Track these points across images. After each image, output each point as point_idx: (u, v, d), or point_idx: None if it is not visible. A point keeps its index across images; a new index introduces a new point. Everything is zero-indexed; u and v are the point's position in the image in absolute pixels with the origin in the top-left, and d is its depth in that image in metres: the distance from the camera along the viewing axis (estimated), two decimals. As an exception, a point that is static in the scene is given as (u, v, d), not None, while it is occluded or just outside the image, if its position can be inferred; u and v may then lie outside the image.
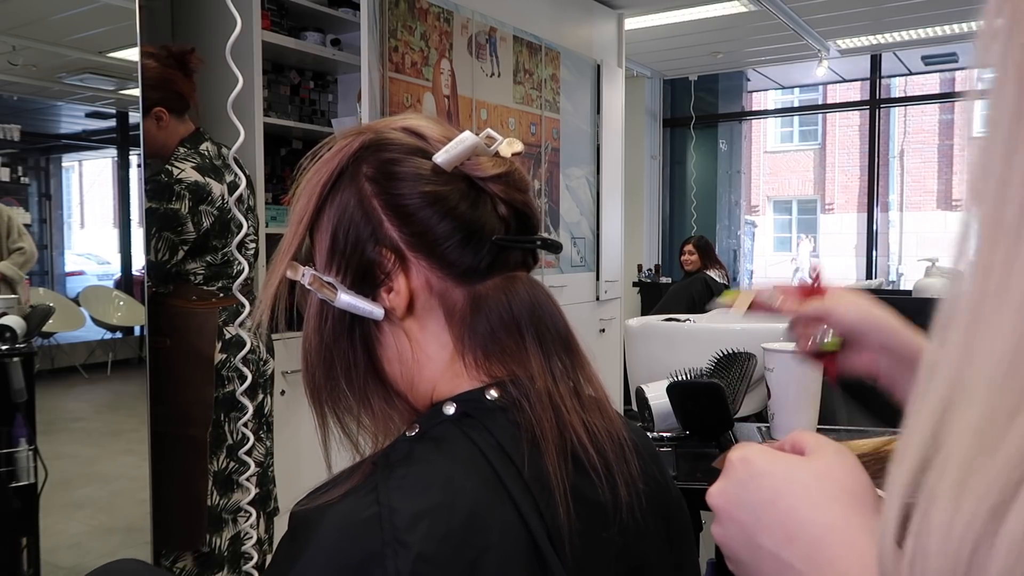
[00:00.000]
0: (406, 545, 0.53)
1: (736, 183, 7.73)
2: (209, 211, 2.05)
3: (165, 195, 2.01)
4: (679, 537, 0.70)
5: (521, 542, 0.56)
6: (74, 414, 2.46)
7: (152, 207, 2.01)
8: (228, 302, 2.13)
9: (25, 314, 1.98)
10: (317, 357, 0.66)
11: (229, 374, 2.10)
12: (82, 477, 2.30)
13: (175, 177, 2.03)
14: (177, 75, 2.13)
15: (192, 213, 2.02)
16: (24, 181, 2.42)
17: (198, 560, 2.10)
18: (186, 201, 2.02)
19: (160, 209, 2.00)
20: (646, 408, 1.48)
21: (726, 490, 0.46)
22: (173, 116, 2.13)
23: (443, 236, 0.63)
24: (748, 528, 0.44)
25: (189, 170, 2.06)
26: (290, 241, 0.66)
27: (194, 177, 2.05)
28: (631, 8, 4.51)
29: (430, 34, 3.04)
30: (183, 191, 2.02)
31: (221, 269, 2.12)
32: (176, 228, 2.01)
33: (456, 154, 0.62)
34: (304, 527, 0.57)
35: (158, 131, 2.12)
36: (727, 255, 7.32)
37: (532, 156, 3.67)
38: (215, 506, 2.09)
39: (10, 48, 2.14)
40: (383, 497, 0.55)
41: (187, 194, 2.02)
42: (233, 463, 2.11)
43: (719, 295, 0.90)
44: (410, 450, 0.61)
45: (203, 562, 2.09)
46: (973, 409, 0.28)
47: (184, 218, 2.01)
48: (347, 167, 0.65)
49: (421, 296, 0.64)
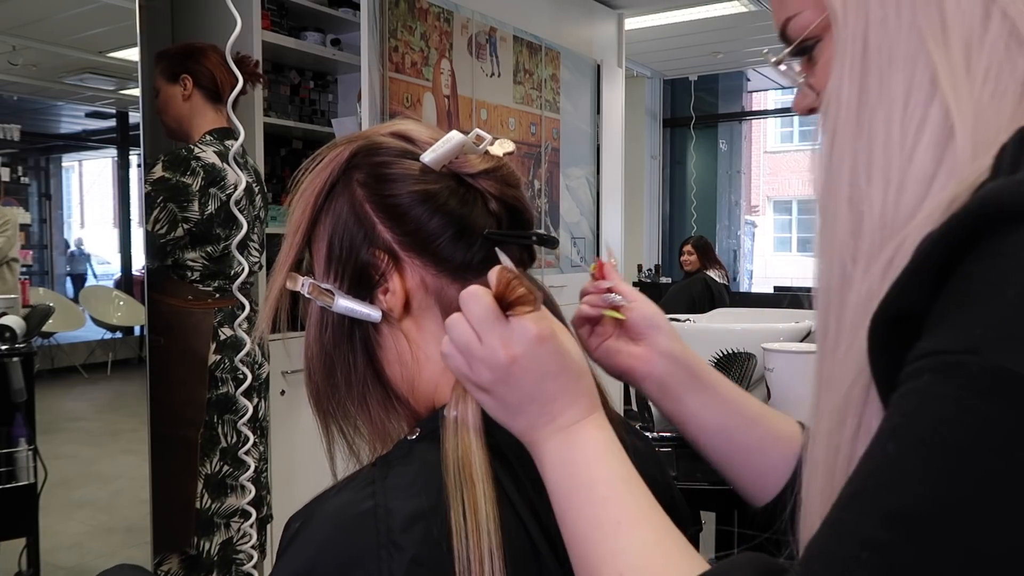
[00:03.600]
0: (400, 548, 0.53)
1: (736, 183, 7.73)
2: (218, 195, 2.03)
3: (180, 167, 1.99)
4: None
5: (517, 544, 0.56)
6: (74, 414, 2.46)
7: (165, 176, 1.99)
8: (224, 303, 2.12)
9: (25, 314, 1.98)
10: (318, 363, 0.67)
11: (223, 375, 2.09)
12: (82, 477, 2.30)
13: (194, 154, 2.02)
14: (222, 66, 2.10)
15: (202, 193, 2.00)
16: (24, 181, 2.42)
17: (184, 563, 2.08)
18: (199, 179, 2.00)
19: (172, 180, 1.98)
20: (646, 408, 1.48)
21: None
22: (200, 92, 2.10)
23: (434, 233, 0.63)
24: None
25: (210, 153, 2.05)
26: (287, 252, 0.67)
27: (213, 160, 2.04)
28: (631, 8, 4.51)
29: (430, 34, 3.04)
30: (199, 168, 2.00)
31: (218, 266, 2.11)
32: (182, 203, 1.99)
33: (443, 153, 0.63)
34: (299, 521, 0.58)
35: (182, 102, 2.09)
36: (727, 255, 7.32)
37: (532, 156, 3.67)
38: (206, 509, 2.07)
39: (10, 48, 2.14)
40: (379, 497, 0.55)
41: (202, 172, 2.00)
42: (227, 466, 2.10)
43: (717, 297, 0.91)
44: (409, 451, 0.61)
45: (190, 565, 2.07)
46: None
47: (193, 195, 1.99)
48: (340, 176, 0.66)
49: (417, 295, 0.64)
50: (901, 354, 0.36)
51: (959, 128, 0.41)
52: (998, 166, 0.37)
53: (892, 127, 0.43)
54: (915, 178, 0.42)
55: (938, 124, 0.42)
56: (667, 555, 0.50)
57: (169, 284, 2.09)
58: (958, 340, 0.33)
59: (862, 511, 0.34)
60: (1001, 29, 0.41)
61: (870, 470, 0.35)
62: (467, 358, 0.56)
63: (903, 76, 0.43)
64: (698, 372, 0.75)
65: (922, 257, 0.37)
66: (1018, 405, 0.31)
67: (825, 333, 0.46)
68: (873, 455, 0.35)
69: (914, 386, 0.35)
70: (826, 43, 0.50)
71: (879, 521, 0.33)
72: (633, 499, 0.52)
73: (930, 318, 0.36)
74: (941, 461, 0.32)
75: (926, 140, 0.42)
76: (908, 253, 0.38)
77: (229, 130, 2.15)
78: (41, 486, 1.93)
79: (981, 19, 0.41)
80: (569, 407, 0.55)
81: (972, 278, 0.34)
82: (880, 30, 0.44)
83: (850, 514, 0.35)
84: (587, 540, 0.52)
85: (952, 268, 0.35)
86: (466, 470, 0.56)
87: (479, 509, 0.54)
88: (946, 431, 0.32)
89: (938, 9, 0.42)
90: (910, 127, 0.42)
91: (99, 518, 2.28)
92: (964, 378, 0.32)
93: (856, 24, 0.45)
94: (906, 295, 0.37)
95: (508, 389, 0.55)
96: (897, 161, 0.42)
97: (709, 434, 0.74)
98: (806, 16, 0.51)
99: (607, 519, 0.51)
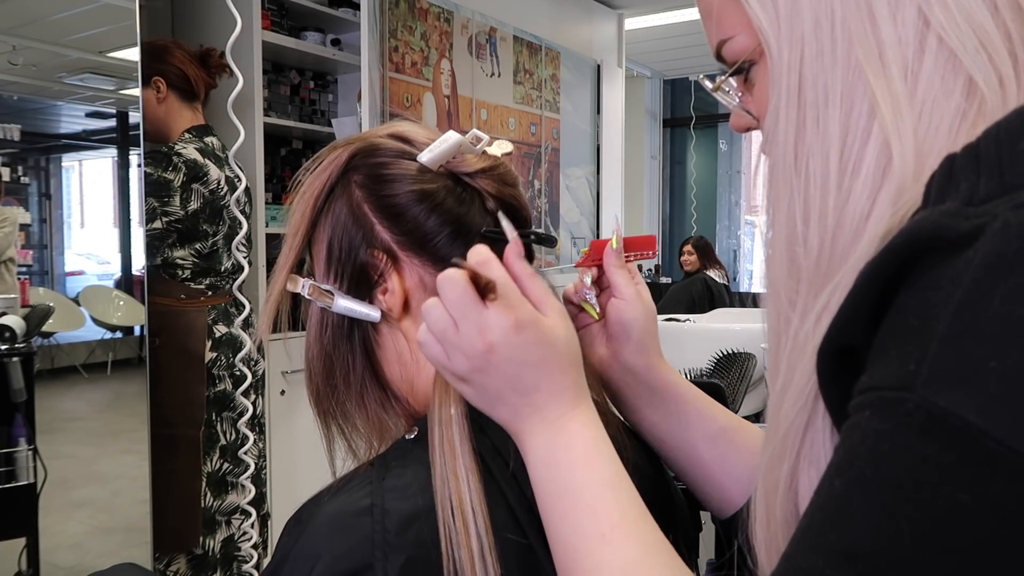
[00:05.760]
0: (396, 549, 0.53)
1: (736, 183, 7.71)
2: (201, 191, 2.04)
3: (162, 163, 2.00)
4: (678, 538, 0.70)
5: (513, 544, 0.56)
6: (74, 414, 2.46)
7: (146, 172, 2.00)
8: (216, 300, 2.12)
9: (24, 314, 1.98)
10: (319, 364, 0.67)
11: (220, 373, 2.09)
12: (82, 477, 2.29)
13: (175, 150, 2.03)
14: (190, 62, 2.12)
15: (183, 189, 2.01)
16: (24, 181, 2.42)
17: (191, 562, 2.09)
18: (180, 174, 2.01)
19: (154, 175, 1.99)
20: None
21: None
22: (174, 93, 2.11)
23: (432, 232, 0.63)
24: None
25: (191, 149, 2.06)
26: (287, 255, 0.67)
27: (194, 156, 2.05)
28: (631, 8, 4.51)
29: (430, 34, 3.04)
30: (180, 164, 2.01)
31: (208, 263, 2.11)
32: (162, 197, 2.00)
33: (440, 152, 0.63)
34: (298, 522, 0.58)
35: (157, 105, 2.10)
36: (727, 255, 7.31)
37: (532, 156, 3.67)
38: (208, 508, 2.08)
39: (10, 48, 2.14)
40: (376, 498, 0.55)
41: (183, 167, 2.01)
42: (227, 464, 2.10)
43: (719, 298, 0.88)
44: (408, 451, 0.61)
45: (196, 564, 2.08)
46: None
47: (174, 190, 2.00)
48: (339, 178, 0.66)
49: (416, 295, 0.64)
50: (851, 385, 0.36)
51: (898, 160, 0.40)
52: (927, 196, 0.36)
53: (829, 167, 0.42)
54: (851, 217, 0.42)
55: (874, 163, 0.41)
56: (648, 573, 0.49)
57: (160, 284, 2.09)
58: (894, 376, 0.33)
59: (809, 547, 0.34)
60: (938, 56, 0.41)
61: (819, 504, 0.35)
62: (444, 346, 0.54)
63: (840, 113, 0.42)
64: (661, 388, 0.70)
65: (859, 290, 0.37)
66: (952, 443, 0.31)
67: (772, 370, 0.46)
68: (823, 489, 0.36)
69: (857, 420, 0.35)
70: (762, 66, 0.49)
71: (826, 557, 0.33)
72: (619, 509, 0.51)
73: (872, 351, 0.36)
74: (882, 499, 0.32)
75: (862, 179, 0.41)
76: (841, 300, 0.38)
77: (207, 127, 2.16)
78: (41, 486, 1.93)
79: (916, 48, 0.41)
80: (553, 400, 0.54)
81: (906, 311, 0.34)
82: (815, 63, 0.43)
83: (800, 549, 0.35)
84: (570, 550, 0.51)
85: (889, 300, 0.35)
86: (449, 466, 0.55)
87: (465, 507, 0.54)
88: (886, 469, 0.32)
89: (875, 39, 0.42)
90: (847, 167, 0.42)
91: (99, 518, 2.28)
92: (901, 415, 0.32)
93: (791, 57, 0.44)
94: (848, 329, 0.37)
95: (486, 378, 0.54)
96: (833, 202, 0.42)
97: (667, 447, 0.71)
98: (740, 41, 0.50)
99: (592, 531, 0.50)
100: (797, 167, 0.44)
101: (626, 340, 0.69)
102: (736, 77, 0.53)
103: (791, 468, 0.43)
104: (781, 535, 0.44)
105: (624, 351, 0.70)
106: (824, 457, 0.42)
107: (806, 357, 0.41)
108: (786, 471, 0.43)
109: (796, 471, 0.43)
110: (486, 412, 0.56)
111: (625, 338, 0.69)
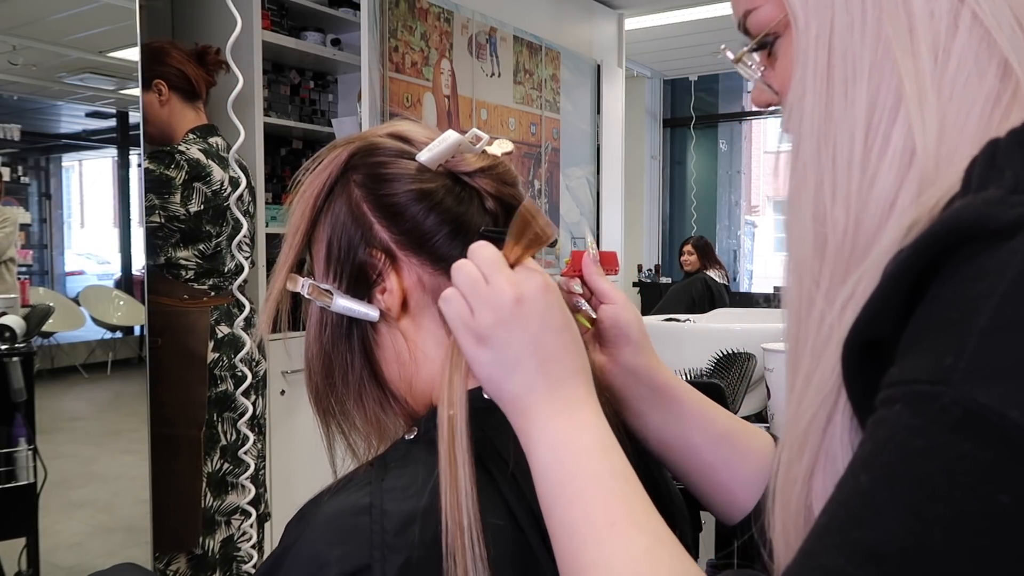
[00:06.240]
0: (395, 549, 0.53)
1: (736, 183, 7.71)
2: (203, 191, 2.03)
3: (164, 160, 2.00)
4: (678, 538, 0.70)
5: (512, 544, 0.56)
6: (74, 414, 2.46)
7: (148, 168, 2.00)
8: (219, 301, 2.12)
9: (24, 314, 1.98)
10: (318, 363, 0.67)
11: (222, 373, 2.09)
12: (82, 477, 2.29)
13: (178, 149, 2.03)
14: (188, 61, 2.11)
15: (184, 187, 2.00)
16: (24, 181, 2.42)
17: (191, 562, 2.09)
18: (182, 172, 2.00)
19: (156, 172, 1.99)
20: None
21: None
22: (176, 94, 2.10)
23: (431, 231, 0.63)
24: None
25: (195, 150, 2.05)
26: (286, 254, 0.67)
27: (197, 156, 2.04)
28: (631, 8, 4.51)
29: (430, 34, 3.04)
30: (183, 162, 2.01)
31: (212, 264, 2.11)
32: (163, 193, 1.99)
33: (439, 152, 0.63)
34: (300, 520, 0.58)
35: (160, 108, 2.09)
36: (727, 255, 7.31)
37: (532, 156, 3.67)
38: (208, 508, 2.08)
39: (10, 48, 2.14)
40: (375, 499, 0.55)
41: (185, 166, 2.01)
42: (227, 464, 2.10)
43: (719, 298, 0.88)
44: (407, 452, 0.61)
45: (196, 564, 2.08)
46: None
47: (175, 188, 1.99)
48: (338, 177, 0.66)
49: (415, 294, 0.64)
50: (876, 378, 0.35)
51: (921, 149, 0.39)
52: (967, 182, 0.35)
53: (855, 146, 0.41)
54: (876, 201, 0.40)
55: (900, 145, 0.40)
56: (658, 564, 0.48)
57: (164, 284, 2.09)
58: (929, 369, 0.32)
59: (832, 544, 0.33)
60: (971, 34, 0.39)
61: (842, 500, 0.34)
62: (470, 299, 0.54)
63: (867, 89, 0.41)
64: (661, 388, 0.69)
65: (891, 280, 0.35)
66: (991, 441, 0.29)
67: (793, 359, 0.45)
68: (846, 484, 0.34)
69: (886, 414, 0.33)
70: (786, 39, 0.48)
71: (849, 556, 0.32)
72: (630, 500, 0.50)
73: (902, 344, 0.34)
74: (911, 497, 0.31)
75: (888, 162, 0.40)
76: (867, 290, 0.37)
77: (211, 127, 2.16)
78: (41, 486, 1.93)
79: (949, 24, 0.39)
80: (569, 377, 0.53)
81: (942, 302, 0.33)
82: (846, 36, 0.42)
83: (821, 545, 0.33)
84: (576, 537, 0.49)
85: (921, 291, 0.34)
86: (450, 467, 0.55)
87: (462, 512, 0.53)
88: (917, 465, 0.31)
89: (905, 11, 0.40)
90: (872, 148, 0.40)
91: (99, 518, 2.28)
92: (935, 410, 0.31)
93: (820, 29, 0.43)
94: (877, 321, 0.36)
95: (509, 335, 0.53)
96: (858, 183, 0.41)
97: (672, 451, 0.70)
98: (766, 11, 0.49)
99: (603, 519, 0.49)
100: (824, 143, 0.42)
101: (625, 342, 0.69)
102: (759, 52, 0.51)
103: (811, 460, 0.42)
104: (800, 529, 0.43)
105: (624, 353, 0.69)
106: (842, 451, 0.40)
107: (831, 348, 0.40)
108: (806, 463, 0.42)
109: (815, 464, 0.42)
110: (498, 386, 0.55)
111: (624, 340, 0.69)
